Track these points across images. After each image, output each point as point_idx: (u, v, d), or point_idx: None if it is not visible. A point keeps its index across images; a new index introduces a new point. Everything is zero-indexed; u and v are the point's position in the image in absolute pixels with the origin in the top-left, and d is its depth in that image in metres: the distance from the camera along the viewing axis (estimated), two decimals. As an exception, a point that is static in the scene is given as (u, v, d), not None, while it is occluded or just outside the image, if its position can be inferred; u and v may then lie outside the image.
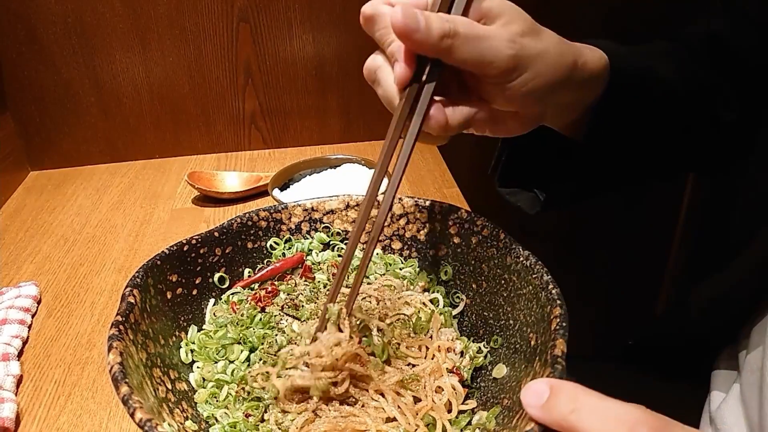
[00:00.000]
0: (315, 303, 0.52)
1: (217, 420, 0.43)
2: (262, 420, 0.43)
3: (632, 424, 0.28)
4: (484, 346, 0.48)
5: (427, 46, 0.39)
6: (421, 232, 0.56)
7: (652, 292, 1.31)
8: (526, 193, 0.63)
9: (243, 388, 0.45)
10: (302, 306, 0.51)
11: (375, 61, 0.45)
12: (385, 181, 0.45)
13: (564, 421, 0.29)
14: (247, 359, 0.48)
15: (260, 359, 0.48)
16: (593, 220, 1.31)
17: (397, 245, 0.58)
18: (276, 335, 0.49)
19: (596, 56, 0.49)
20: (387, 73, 0.43)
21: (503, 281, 0.47)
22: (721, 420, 0.50)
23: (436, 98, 0.42)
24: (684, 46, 0.62)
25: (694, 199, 1.13)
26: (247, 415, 0.43)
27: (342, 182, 0.86)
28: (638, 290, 1.31)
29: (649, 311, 1.32)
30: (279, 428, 0.42)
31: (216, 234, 0.53)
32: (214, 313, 0.52)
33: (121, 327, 0.41)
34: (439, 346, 0.48)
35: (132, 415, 0.35)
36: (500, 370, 0.46)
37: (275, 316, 0.51)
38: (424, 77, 0.42)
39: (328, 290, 0.53)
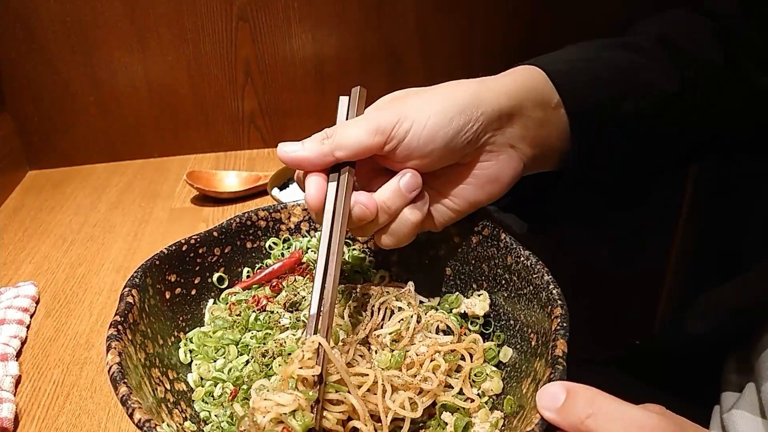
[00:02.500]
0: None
1: (212, 417, 0.43)
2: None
3: (651, 430, 0.27)
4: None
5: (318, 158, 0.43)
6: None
7: (653, 295, 1.31)
8: (511, 214, 0.60)
9: (240, 387, 0.45)
10: (304, 300, 0.51)
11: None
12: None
13: (582, 425, 0.29)
14: (246, 361, 0.48)
15: (252, 357, 0.47)
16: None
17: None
18: (271, 343, 0.48)
19: (522, 75, 0.47)
20: None
21: (504, 281, 0.47)
22: (733, 426, 0.49)
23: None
24: (707, 15, 0.56)
25: (694, 204, 1.13)
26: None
27: (341, 182, 0.86)
28: (639, 293, 1.31)
29: (651, 314, 1.32)
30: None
31: (215, 234, 0.53)
32: (212, 313, 0.51)
33: (119, 327, 0.41)
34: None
35: (131, 416, 0.35)
36: (506, 353, 0.46)
37: (275, 313, 0.50)
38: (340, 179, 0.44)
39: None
